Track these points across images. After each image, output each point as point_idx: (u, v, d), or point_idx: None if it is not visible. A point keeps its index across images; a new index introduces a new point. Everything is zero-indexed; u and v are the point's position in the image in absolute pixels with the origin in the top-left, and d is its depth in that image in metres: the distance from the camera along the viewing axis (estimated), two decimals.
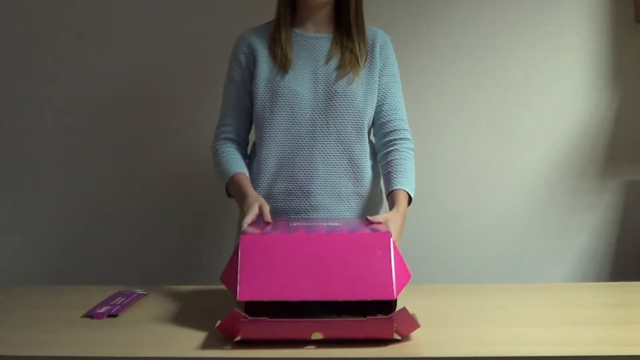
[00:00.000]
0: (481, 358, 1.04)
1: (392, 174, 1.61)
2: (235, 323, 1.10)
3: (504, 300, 1.40)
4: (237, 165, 1.62)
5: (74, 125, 2.33)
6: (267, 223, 1.41)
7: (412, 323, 1.13)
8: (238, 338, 1.12)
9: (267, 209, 1.45)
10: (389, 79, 1.68)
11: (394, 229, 1.44)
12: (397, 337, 1.12)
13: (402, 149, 1.65)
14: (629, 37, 2.27)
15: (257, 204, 1.46)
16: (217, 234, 2.31)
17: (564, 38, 2.28)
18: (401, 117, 1.69)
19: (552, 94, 2.29)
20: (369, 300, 1.14)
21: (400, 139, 1.66)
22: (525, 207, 2.30)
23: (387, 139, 1.66)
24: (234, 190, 1.59)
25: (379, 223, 1.40)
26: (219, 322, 1.15)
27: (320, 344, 1.10)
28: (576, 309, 1.31)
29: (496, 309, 1.32)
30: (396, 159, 1.63)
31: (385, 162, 1.65)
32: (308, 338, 1.10)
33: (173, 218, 2.33)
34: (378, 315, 1.11)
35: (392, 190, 1.59)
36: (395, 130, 1.66)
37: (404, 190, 1.58)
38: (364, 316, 1.11)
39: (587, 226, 2.30)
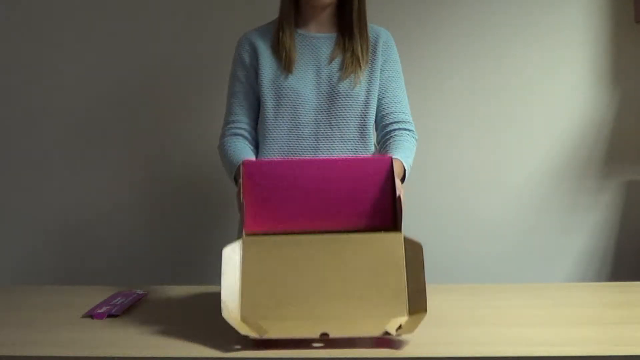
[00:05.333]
0: (481, 358, 1.04)
1: (388, 151, 1.57)
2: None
3: (504, 300, 1.39)
4: (246, 155, 1.57)
5: (74, 125, 2.33)
6: None
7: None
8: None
9: None
10: (389, 74, 1.66)
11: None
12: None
13: (403, 135, 1.61)
14: (629, 37, 2.27)
15: None
16: (217, 234, 2.31)
17: (564, 38, 2.28)
18: (402, 110, 1.65)
19: (552, 94, 2.29)
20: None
21: (402, 129, 1.62)
22: (525, 207, 2.30)
23: (387, 129, 1.63)
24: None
25: None
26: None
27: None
28: (576, 309, 1.31)
29: (496, 309, 1.32)
30: (394, 141, 1.59)
31: (384, 149, 1.61)
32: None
33: (173, 218, 2.33)
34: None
35: None
36: (397, 121, 1.63)
37: (398, 159, 1.51)
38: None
39: (587, 226, 2.30)
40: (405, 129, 1.63)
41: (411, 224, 2.36)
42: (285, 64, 1.62)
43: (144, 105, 2.32)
